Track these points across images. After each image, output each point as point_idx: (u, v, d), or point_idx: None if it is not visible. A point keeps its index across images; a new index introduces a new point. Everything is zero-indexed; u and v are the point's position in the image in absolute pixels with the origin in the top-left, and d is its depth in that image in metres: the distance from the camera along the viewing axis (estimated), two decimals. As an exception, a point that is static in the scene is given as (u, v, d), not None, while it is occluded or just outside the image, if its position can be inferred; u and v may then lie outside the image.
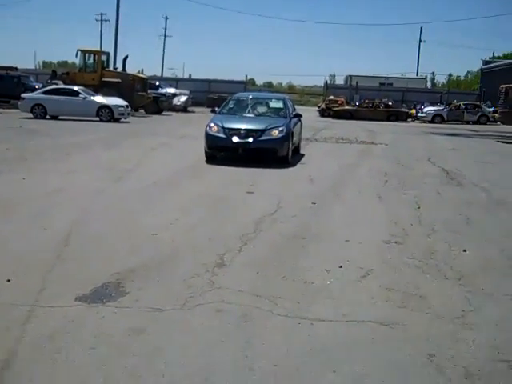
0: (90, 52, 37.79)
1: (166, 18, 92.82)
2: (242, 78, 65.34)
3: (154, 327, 4.47)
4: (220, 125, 14.20)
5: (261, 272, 5.87)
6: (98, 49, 43.37)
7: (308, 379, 3.81)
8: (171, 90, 45.63)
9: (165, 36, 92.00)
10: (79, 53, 37.14)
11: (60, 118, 27.57)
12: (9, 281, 5.31)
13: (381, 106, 45.45)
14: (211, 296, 5.15)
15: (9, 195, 9.23)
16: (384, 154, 18.45)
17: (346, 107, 47.24)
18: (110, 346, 4.13)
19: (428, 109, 46.38)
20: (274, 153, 14.00)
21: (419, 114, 46.14)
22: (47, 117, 27.47)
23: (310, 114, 51.08)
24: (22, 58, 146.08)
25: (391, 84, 63.92)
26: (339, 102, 49.24)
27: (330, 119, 43.08)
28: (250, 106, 15.78)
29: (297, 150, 16.48)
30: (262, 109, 15.87)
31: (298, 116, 16.20)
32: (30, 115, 27.46)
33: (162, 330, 4.43)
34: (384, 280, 5.77)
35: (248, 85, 68.07)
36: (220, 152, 14.51)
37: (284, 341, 4.33)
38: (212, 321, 4.64)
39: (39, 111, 27.58)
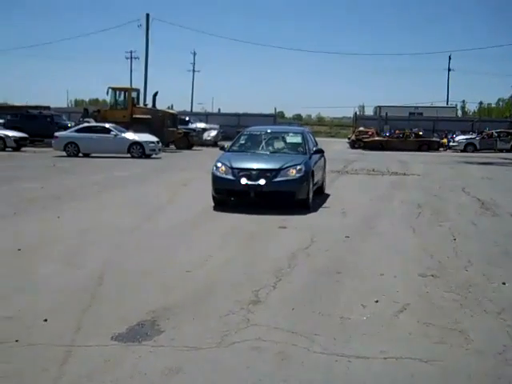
0: (120, 89, 38.42)
1: (195, 54, 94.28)
2: (272, 111, 65.68)
3: (190, 366, 4.45)
4: (228, 165, 12.32)
5: (296, 308, 5.83)
6: (129, 86, 44.10)
7: (348, 419, 3.74)
8: (201, 125, 46.07)
9: (193, 71, 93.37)
10: (110, 90, 37.78)
11: (92, 155, 27.96)
12: (46, 320, 5.34)
13: (411, 136, 45.28)
14: (247, 333, 5.11)
15: (44, 233, 9.35)
16: (417, 184, 18.31)
17: (377, 138, 47.12)
18: (146, 386, 4.12)
19: (460, 138, 46.01)
20: (291, 196, 12.10)
21: (451, 143, 45.78)
22: (80, 154, 27.88)
23: (340, 145, 51.29)
24: (55, 96, 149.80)
25: (421, 113, 63.58)
26: (369, 133, 49.17)
27: (360, 150, 43.01)
28: (263, 142, 13.84)
29: (321, 190, 14.80)
30: (277, 145, 13.94)
31: (320, 152, 14.36)
32: (64, 153, 27.92)
33: (198, 370, 4.40)
34: (421, 315, 5.68)
35: (277, 118, 68.42)
36: (229, 197, 12.65)
37: (322, 379, 4.27)
38: (249, 359, 4.60)
39: (72, 149, 28.04)
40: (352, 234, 9.67)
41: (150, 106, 39.01)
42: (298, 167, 12.22)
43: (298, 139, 14.01)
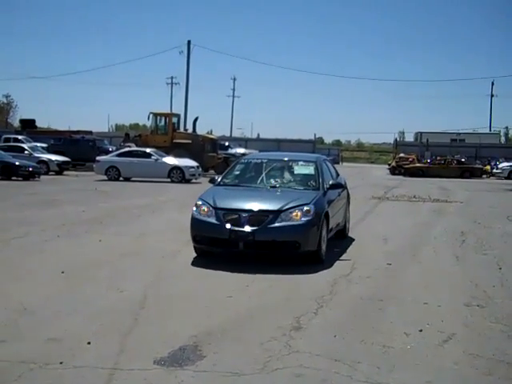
0: (161, 115, 38.91)
1: (234, 79, 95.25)
2: (311, 137, 65.82)
3: (232, 392, 4.43)
4: (211, 204, 9.20)
5: (338, 335, 5.77)
6: (169, 111, 44.68)
7: None
8: (241, 150, 46.27)
9: (233, 96, 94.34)
10: (151, 115, 38.28)
11: (132, 179, 28.31)
12: (89, 343, 5.38)
13: (453, 163, 44.77)
14: (289, 360, 5.07)
15: (87, 256, 9.47)
16: (459, 212, 18.06)
17: (418, 164, 46.71)
18: (189, 412, 4.10)
19: (503, 164, 45.20)
20: (294, 247, 8.92)
21: (494, 170, 45.06)
22: (120, 178, 28.26)
23: (380, 171, 51.03)
24: (97, 121, 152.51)
25: (463, 140, 62.99)
26: (410, 160, 48.80)
27: (400, 177, 42.63)
28: (264, 173, 10.54)
29: (342, 234, 11.88)
30: (282, 177, 10.60)
31: (339, 186, 11.00)
32: (105, 177, 28.36)
33: (240, 396, 4.37)
34: (467, 345, 5.56)
35: (316, 143, 68.50)
36: (212, 248, 9.43)
37: (366, 409, 4.20)
38: (291, 386, 4.56)
39: (113, 173, 28.47)
40: (394, 261, 9.55)
41: (190, 131, 39.39)
42: (306, 208, 9.03)
43: (309, 170, 10.70)
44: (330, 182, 10.57)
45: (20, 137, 40.74)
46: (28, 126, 49.84)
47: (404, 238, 12.31)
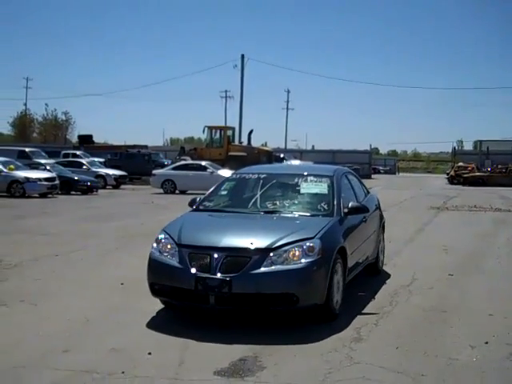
0: (216, 128, 39.34)
1: (288, 92, 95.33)
2: (366, 148, 65.26)
3: (294, 404, 4.37)
4: (175, 238, 6.60)
5: (401, 347, 5.64)
6: (224, 124, 45.08)
7: None
8: (296, 162, 46.27)
9: (287, 109, 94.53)
10: (206, 129, 38.74)
11: (188, 192, 28.56)
12: (150, 354, 5.41)
13: (515, 171, 43.57)
14: (351, 372, 4.98)
15: (145, 268, 9.53)
16: (523, 221, 17.54)
17: (477, 173, 45.72)
18: (251, 423, 4.06)
19: None
20: (289, 302, 6.13)
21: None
22: (176, 191, 28.57)
23: (438, 181, 50.21)
24: (152, 135, 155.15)
25: (526, 148, 61.34)
26: (469, 169, 47.85)
27: (460, 186, 41.81)
28: (258, 194, 7.84)
29: (375, 268, 9.10)
30: (283, 198, 7.76)
31: (362, 210, 7.75)
32: (161, 190, 28.74)
33: (302, 408, 4.31)
34: (536, 358, 5.36)
35: (372, 154, 67.94)
36: (174, 301, 6.68)
37: (432, 422, 4.08)
38: (353, 399, 4.47)
39: (169, 186, 28.85)
40: (456, 271, 9.33)
41: (245, 143, 39.64)
42: (308, 244, 6.30)
43: (321, 187, 7.77)
44: (350, 205, 7.50)
45: (78, 152, 41.75)
46: (86, 141, 51.07)
47: (466, 249, 12.01)
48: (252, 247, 6.21)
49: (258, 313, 6.44)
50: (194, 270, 6.16)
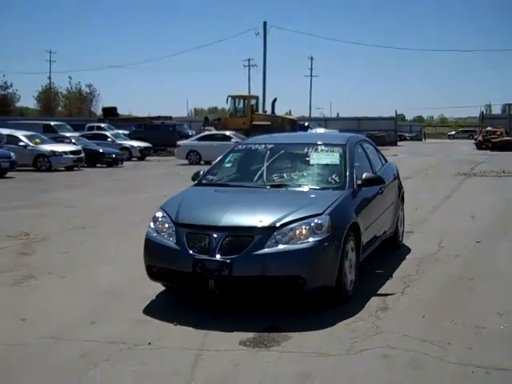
0: (239, 97, 39.11)
1: (312, 59, 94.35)
2: (392, 114, 64.48)
3: (319, 373, 4.38)
4: (173, 217, 6.17)
5: (427, 315, 5.61)
6: (247, 93, 44.84)
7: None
8: (320, 130, 45.96)
9: (311, 76, 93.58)
10: (230, 99, 38.55)
11: (213, 162, 28.50)
12: (175, 324, 5.45)
13: (544, 135, 42.80)
14: (376, 341, 4.97)
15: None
16: (551, 186, 17.26)
17: (506, 138, 44.95)
18: (276, 393, 4.08)
19: None
20: (296, 285, 5.66)
21: None
22: (201, 162, 28.59)
23: (466, 147, 49.54)
24: (176, 106, 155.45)
25: (556, 110, 60.13)
26: (498, 133, 46.99)
27: (488, 151, 41.19)
28: (265, 166, 7.27)
29: (393, 242, 8.53)
30: (291, 171, 7.18)
31: (378, 182, 7.15)
32: (186, 161, 28.79)
33: (328, 376, 4.32)
34: None
35: (398, 120, 67.17)
36: (173, 285, 6.26)
37: (458, 391, 4.06)
38: (380, 367, 4.46)
39: (194, 157, 28.93)
40: (483, 238, 9.22)
41: (269, 112, 39.42)
42: (317, 221, 5.79)
43: (333, 158, 7.20)
44: (364, 176, 6.91)
45: (103, 125, 41.97)
46: (110, 113, 51.26)
47: (493, 215, 11.87)
48: (254, 225, 5.71)
49: (261, 297, 5.97)
50: (191, 252, 5.70)
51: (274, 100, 38.81)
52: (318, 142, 7.57)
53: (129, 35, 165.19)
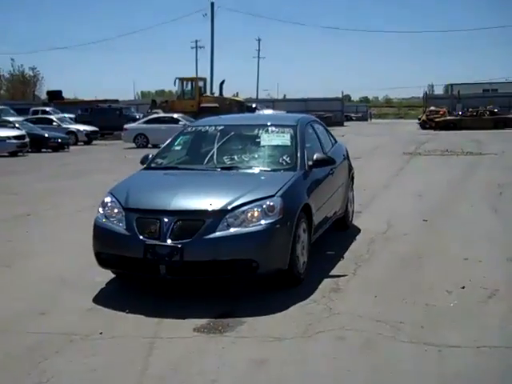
0: (187, 79, 38.88)
1: (259, 40, 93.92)
2: (338, 95, 64.90)
3: (276, 357, 4.36)
4: (122, 201, 6.03)
5: (379, 296, 5.66)
6: (195, 75, 44.49)
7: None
8: (268, 111, 45.90)
9: (258, 58, 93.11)
10: (177, 81, 38.29)
11: (161, 145, 28.24)
12: (127, 312, 5.36)
13: (486, 114, 43.77)
14: (331, 323, 4.99)
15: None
16: (495, 164, 17.67)
17: (449, 117, 45.79)
18: (234, 378, 4.05)
19: (539, 113, 44.08)
20: (248, 269, 5.59)
21: (529, 120, 43.88)
22: (149, 145, 28.28)
23: (410, 126, 50.33)
24: (122, 89, 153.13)
25: (496, 90, 61.64)
26: (441, 113, 47.93)
27: (431, 131, 41.90)
28: (215, 148, 7.16)
29: (343, 223, 8.53)
30: (242, 152, 7.10)
31: (328, 162, 7.14)
32: (133, 145, 28.46)
33: (285, 360, 4.31)
34: (513, 301, 5.42)
35: (344, 101, 67.69)
36: (123, 271, 6.14)
37: (413, 369, 4.10)
38: (335, 349, 4.48)
39: (141, 140, 28.67)
40: (430, 217, 9.37)
41: (217, 94, 39.25)
42: (269, 203, 5.74)
43: (283, 139, 7.14)
44: (315, 157, 6.91)
45: (48, 108, 41.03)
46: (55, 97, 50.12)
47: (439, 193, 12.08)
48: (205, 209, 5.61)
49: (214, 282, 5.95)
50: (142, 237, 5.58)
51: (222, 82, 38.69)
52: (269, 124, 7.47)
53: (74, 17, 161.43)
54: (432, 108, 50.48)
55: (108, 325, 5.07)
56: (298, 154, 6.79)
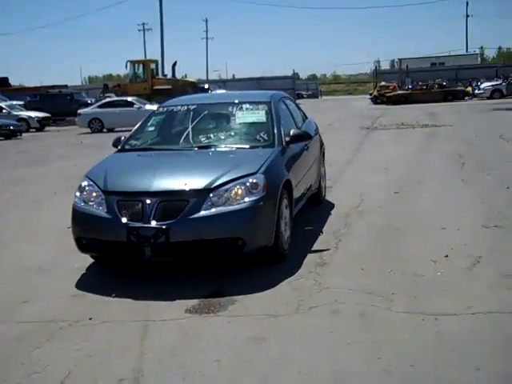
0: (139, 62, 38.38)
1: (206, 21, 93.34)
2: (286, 73, 64.73)
3: (273, 334, 4.31)
4: (100, 185, 5.87)
5: (365, 268, 5.66)
6: (146, 58, 43.92)
7: (452, 378, 3.57)
8: (221, 91, 45.65)
9: (207, 38, 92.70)
10: (129, 64, 37.75)
11: (116, 129, 27.87)
12: (114, 296, 5.24)
13: (435, 87, 44.43)
14: (322, 297, 4.96)
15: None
16: (451, 135, 17.92)
17: (400, 92, 46.33)
18: (235, 358, 3.99)
19: (485, 85, 44.97)
20: (235, 247, 5.52)
21: (476, 91, 44.85)
22: (104, 130, 27.89)
23: (361, 102, 50.79)
24: (68, 75, 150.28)
25: (443, 63, 62.53)
26: (391, 88, 48.46)
27: (383, 106, 42.31)
28: (190, 128, 7.04)
29: (316, 198, 8.47)
30: (217, 131, 7.09)
31: (304, 138, 7.21)
32: (88, 130, 27.98)
33: (283, 337, 4.26)
34: (497, 267, 5.48)
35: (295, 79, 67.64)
36: (105, 255, 5.99)
37: (413, 339, 4.10)
38: (331, 323, 4.45)
39: (96, 125, 28.22)
40: (400, 189, 9.42)
41: (169, 76, 38.83)
42: (252, 180, 5.67)
43: (259, 116, 7.08)
44: (292, 132, 6.90)
45: (-5, 96, 39.85)
46: (2, 84, 48.73)
47: (404, 166, 12.17)
48: (188, 189, 5.49)
49: (200, 262, 5.85)
50: (124, 220, 5.44)
51: (174, 63, 38.26)
52: (242, 101, 7.38)
53: (18, 2, 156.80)
54: (383, 83, 50.93)
55: (95, 310, 4.94)
56: (275, 131, 6.71)
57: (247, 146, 6.60)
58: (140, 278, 5.80)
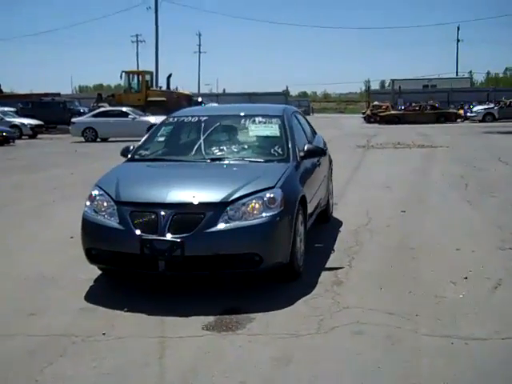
0: (134, 73, 38.32)
1: (200, 35, 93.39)
2: (277, 90, 64.95)
3: (297, 355, 4.13)
4: (112, 195, 5.66)
5: (384, 288, 5.51)
6: (140, 69, 43.85)
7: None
8: (214, 105, 45.63)
9: (199, 52, 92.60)
10: (123, 74, 37.68)
11: (110, 139, 27.70)
12: (126, 310, 5.05)
13: (428, 109, 44.61)
14: (343, 317, 4.80)
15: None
16: (449, 156, 17.85)
17: (393, 112, 46.51)
18: (262, 379, 3.81)
19: (478, 108, 45.33)
20: (252, 263, 5.32)
21: (468, 114, 45.11)
22: (98, 139, 27.70)
23: (354, 120, 50.92)
24: (59, 83, 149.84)
25: (435, 85, 63.02)
26: (384, 107, 48.68)
27: (376, 125, 42.44)
28: (202, 139, 6.79)
29: (324, 215, 8.24)
30: (230, 143, 6.87)
31: (318, 153, 7.07)
32: (81, 139, 27.76)
33: (308, 358, 4.08)
34: (520, 290, 5.35)
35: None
36: (117, 269, 5.77)
37: (445, 363, 3.94)
38: (357, 344, 4.28)
39: (90, 134, 27.95)
40: (406, 208, 9.29)
41: (164, 88, 38.75)
42: (269, 195, 5.46)
43: (272, 129, 6.90)
44: (306, 147, 6.75)
45: (-14, 103, 39.52)
46: (-7, 91, 48.46)
47: (406, 185, 12.06)
48: (205, 201, 5.29)
49: (215, 277, 5.65)
50: (138, 232, 5.22)
51: (169, 76, 38.22)
52: (254, 114, 7.21)
53: (11, 8, 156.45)
54: (376, 103, 51.20)
55: (108, 325, 4.75)
56: (289, 145, 6.54)
57: (261, 160, 6.39)
58: (151, 291, 5.61)
